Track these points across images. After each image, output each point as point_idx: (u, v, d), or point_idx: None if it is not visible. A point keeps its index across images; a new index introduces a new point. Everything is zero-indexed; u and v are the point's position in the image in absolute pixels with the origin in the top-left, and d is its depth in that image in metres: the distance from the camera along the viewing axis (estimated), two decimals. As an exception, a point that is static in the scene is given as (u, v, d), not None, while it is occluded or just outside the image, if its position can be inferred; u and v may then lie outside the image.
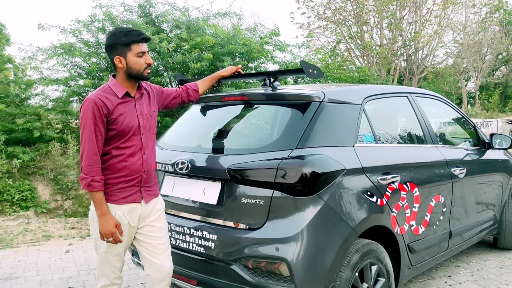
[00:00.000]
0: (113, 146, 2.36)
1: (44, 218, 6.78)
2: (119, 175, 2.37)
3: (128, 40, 2.34)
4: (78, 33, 8.37)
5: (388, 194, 2.85)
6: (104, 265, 2.47)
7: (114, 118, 2.33)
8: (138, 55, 2.36)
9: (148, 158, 2.45)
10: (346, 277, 2.53)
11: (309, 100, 2.76)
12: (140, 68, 2.37)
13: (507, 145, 4.26)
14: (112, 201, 2.38)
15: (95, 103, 2.28)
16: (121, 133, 2.35)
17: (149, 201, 2.48)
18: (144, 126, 2.43)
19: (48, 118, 8.12)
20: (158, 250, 2.50)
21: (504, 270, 4.19)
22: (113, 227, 2.33)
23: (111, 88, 2.39)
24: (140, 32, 2.39)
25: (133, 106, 2.41)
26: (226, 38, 9.04)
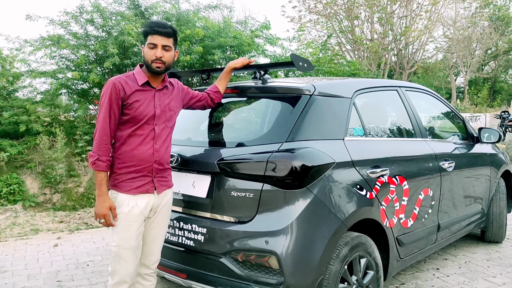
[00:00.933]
0: (125, 133, 2.38)
1: (32, 211, 6.71)
2: (130, 164, 2.38)
3: (145, 31, 2.42)
4: (67, 25, 8.26)
5: (377, 187, 2.85)
6: (116, 260, 2.40)
7: (129, 103, 2.36)
8: (149, 46, 2.40)
9: (160, 149, 2.44)
10: (335, 270, 2.53)
11: (299, 93, 2.75)
12: (149, 59, 2.40)
13: (495, 139, 4.30)
14: (125, 191, 2.38)
15: (114, 85, 2.34)
16: (134, 119, 2.37)
17: (161, 192, 2.49)
18: (159, 116, 2.44)
19: (35, 111, 8.02)
20: (152, 239, 2.53)
21: (491, 262, 4.24)
22: (107, 209, 2.33)
23: (134, 75, 2.44)
24: (157, 24, 2.42)
25: (151, 96, 2.44)
26: (217, 31, 8.98)
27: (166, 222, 2.61)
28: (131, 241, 2.39)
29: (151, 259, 2.56)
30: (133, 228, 2.38)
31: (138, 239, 2.42)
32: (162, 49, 2.40)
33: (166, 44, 2.42)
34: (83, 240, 5.11)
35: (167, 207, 2.57)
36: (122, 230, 2.38)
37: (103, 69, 8.37)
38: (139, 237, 2.43)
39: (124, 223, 2.37)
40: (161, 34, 2.39)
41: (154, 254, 2.56)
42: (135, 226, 2.39)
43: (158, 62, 2.40)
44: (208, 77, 3.41)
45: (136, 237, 2.40)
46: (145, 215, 2.44)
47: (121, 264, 2.39)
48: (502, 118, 18.69)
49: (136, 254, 2.43)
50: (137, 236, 2.41)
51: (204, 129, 3.20)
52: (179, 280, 2.74)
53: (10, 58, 8.61)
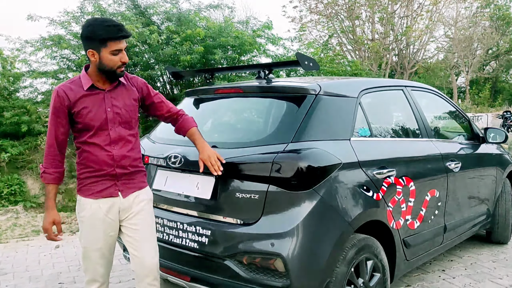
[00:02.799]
0: (82, 140, 2.29)
1: (33, 212, 6.68)
2: (90, 169, 2.30)
3: (105, 36, 2.17)
4: (67, 25, 8.23)
5: (384, 188, 2.81)
6: (85, 260, 2.40)
7: (77, 111, 2.24)
8: (113, 52, 2.21)
9: (119, 153, 2.30)
10: (342, 272, 2.49)
11: (304, 93, 2.71)
12: (114, 66, 2.23)
13: (501, 139, 4.25)
14: (88, 195, 2.31)
15: (58, 94, 2.23)
16: (86, 126, 2.26)
17: (127, 195, 2.36)
18: (113, 120, 2.29)
19: (37, 111, 7.99)
20: (139, 243, 2.39)
21: (497, 264, 4.20)
22: (49, 223, 2.31)
23: (80, 79, 2.29)
24: (120, 28, 2.21)
25: (101, 99, 2.28)
26: (218, 31, 8.95)
27: (150, 223, 2.45)
28: (98, 243, 2.33)
29: (146, 265, 2.39)
30: (98, 230, 2.31)
31: (106, 240, 2.35)
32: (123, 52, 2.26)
33: (126, 46, 2.28)
34: (84, 242, 5.07)
35: (143, 206, 2.41)
36: (88, 232, 2.34)
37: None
38: (109, 239, 2.36)
39: (89, 226, 2.33)
40: (125, 38, 2.24)
41: (147, 260, 2.38)
42: (101, 228, 2.31)
43: (123, 67, 2.28)
44: (212, 77, 3.37)
45: (103, 239, 2.33)
46: (113, 218, 2.33)
47: (90, 264, 2.38)
48: (504, 118, 18.68)
49: (104, 255, 2.38)
50: (105, 238, 2.34)
51: (208, 129, 3.15)
52: (183, 283, 2.70)
53: (10, 58, 8.58)
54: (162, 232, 2.80)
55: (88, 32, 2.21)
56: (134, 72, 8.63)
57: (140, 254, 2.39)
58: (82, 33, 2.25)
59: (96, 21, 2.25)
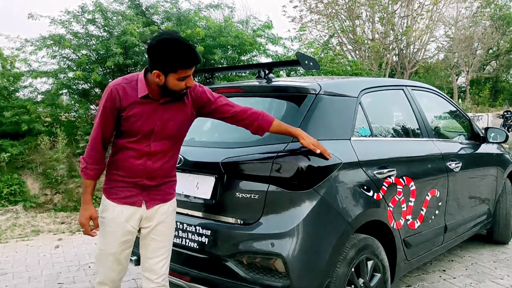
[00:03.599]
0: (122, 142, 2.23)
1: (33, 212, 6.67)
2: (121, 173, 2.25)
3: (177, 64, 2.05)
4: (68, 24, 8.22)
5: (384, 188, 2.80)
6: (98, 262, 2.36)
7: (125, 116, 2.16)
8: (180, 79, 2.10)
9: (153, 165, 2.24)
10: (342, 272, 2.48)
11: (305, 93, 2.70)
12: (178, 90, 2.14)
13: (502, 139, 4.25)
14: (111, 198, 2.27)
15: (111, 92, 2.15)
16: (130, 132, 2.20)
17: (151, 207, 2.29)
18: (158, 133, 2.21)
19: (37, 111, 7.98)
20: (152, 253, 2.35)
21: (498, 264, 4.19)
22: (87, 218, 2.26)
23: (137, 82, 2.18)
24: (195, 57, 2.08)
25: (152, 110, 2.18)
26: (218, 31, 8.94)
27: (168, 235, 2.39)
28: (113, 247, 2.27)
29: (155, 272, 2.35)
30: (117, 235, 2.26)
31: (122, 246, 2.28)
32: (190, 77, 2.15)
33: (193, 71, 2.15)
34: (84, 242, 5.06)
35: (165, 218, 2.35)
36: (106, 235, 2.29)
37: (104, 68, 8.33)
38: (125, 245, 2.30)
39: (108, 229, 2.28)
40: (195, 66, 2.13)
41: (156, 267, 2.35)
42: (119, 233, 2.26)
43: (187, 90, 2.20)
44: (212, 76, 3.36)
45: (119, 244, 2.27)
46: (133, 225, 2.28)
47: (102, 267, 2.34)
48: (505, 118, 18.64)
49: (119, 261, 2.32)
50: (121, 244, 2.27)
51: (208, 129, 3.15)
52: (183, 283, 2.69)
53: (10, 58, 8.57)
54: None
55: (160, 53, 2.04)
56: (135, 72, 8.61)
57: (151, 261, 2.35)
58: (152, 49, 2.06)
59: (170, 42, 2.05)
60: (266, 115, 2.41)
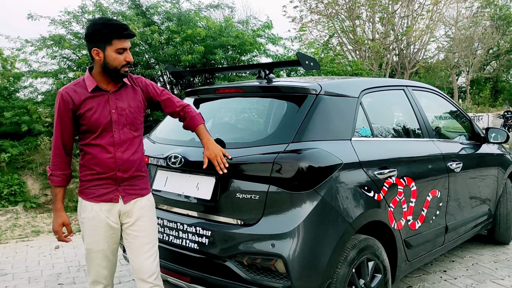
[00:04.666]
0: (86, 142, 2.28)
1: (33, 213, 6.66)
2: (93, 172, 2.28)
3: (110, 34, 2.17)
4: (68, 25, 8.21)
5: (385, 188, 2.80)
6: (88, 261, 2.38)
7: (81, 113, 2.23)
8: (118, 51, 2.20)
9: (123, 156, 2.28)
10: (343, 273, 2.48)
11: (305, 93, 2.70)
12: (118, 65, 2.22)
13: (503, 139, 4.24)
14: (88, 198, 2.30)
15: (62, 96, 2.23)
16: (91, 128, 2.25)
17: (128, 202, 2.32)
18: (117, 121, 2.27)
19: (37, 111, 7.97)
20: (137, 251, 2.36)
21: (498, 264, 4.18)
22: (59, 225, 2.32)
23: (84, 80, 2.28)
24: (125, 27, 2.22)
25: (105, 100, 2.26)
26: (218, 31, 8.92)
27: (150, 230, 2.39)
28: (99, 245, 2.30)
29: (144, 271, 2.35)
30: (100, 232, 2.29)
31: (108, 242, 2.32)
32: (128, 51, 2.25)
33: (130, 46, 2.27)
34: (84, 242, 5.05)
35: (144, 213, 2.37)
36: (90, 234, 2.31)
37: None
38: (110, 241, 2.33)
39: (91, 227, 2.30)
40: (130, 37, 2.23)
41: (144, 265, 2.35)
42: (102, 230, 2.29)
43: (127, 66, 2.26)
44: (212, 76, 3.35)
45: (105, 240, 2.30)
46: (114, 220, 2.30)
47: (92, 266, 2.36)
48: (505, 118, 18.63)
49: (107, 257, 2.34)
50: (107, 239, 2.31)
51: (209, 129, 3.12)
52: (183, 284, 2.68)
53: (11, 58, 8.56)
54: (162, 233, 2.79)
55: (93, 31, 2.20)
56: (135, 72, 8.61)
57: (139, 261, 2.36)
58: (87, 32, 2.23)
59: (101, 20, 2.26)
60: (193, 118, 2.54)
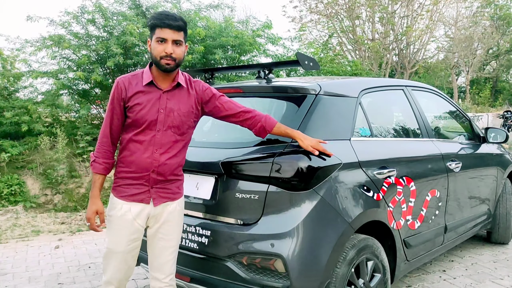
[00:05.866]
0: (127, 136, 2.27)
1: (33, 213, 6.66)
2: (128, 170, 2.27)
3: (154, 23, 2.18)
4: (68, 25, 8.21)
5: (384, 188, 2.80)
6: (106, 260, 2.35)
7: (130, 106, 2.23)
8: (157, 40, 2.18)
9: (160, 158, 2.25)
10: (342, 273, 2.48)
11: (304, 93, 2.70)
12: (157, 55, 2.19)
13: (502, 139, 4.24)
14: (120, 196, 2.28)
15: (118, 84, 2.25)
16: (135, 123, 2.24)
17: (159, 204, 2.30)
18: (163, 122, 2.24)
19: (37, 111, 7.97)
20: (160, 252, 2.36)
21: (498, 264, 4.18)
22: (93, 213, 2.30)
23: (143, 74, 2.28)
24: (168, 17, 2.17)
25: (157, 98, 2.24)
26: (218, 31, 8.94)
27: (176, 233, 2.40)
28: (121, 246, 2.27)
29: (163, 271, 2.37)
30: (124, 233, 2.27)
31: (130, 245, 2.29)
32: (173, 44, 2.18)
33: (177, 39, 2.19)
34: (84, 242, 5.06)
35: (173, 217, 2.36)
36: (113, 233, 2.30)
37: (104, 69, 8.33)
38: (132, 244, 2.30)
39: (116, 227, 2.28)
40: (172, 28, 2.16)
41: (164, 267, 2.36)
42: (127, 231, 2.27)
43: (168, 59, 2.18)
44: (211, 76, 3.36)
45: (127, 243, 2.27)
46: (141, 223, 2.29)
47: (109, 265, 2.33)
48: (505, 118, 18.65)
49: (126, 260, 2.31)
50: (129, 242, 2.28)
51: (208, 129, 3.14)
52: (183, 284, 2.69)
53: (11, 58, 8.56)
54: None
55: (148, 22, 2.26)
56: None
57: (159, 261, 2.37)
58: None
59: (157, 12, 2.28)
60: (269, 118, 2.46)
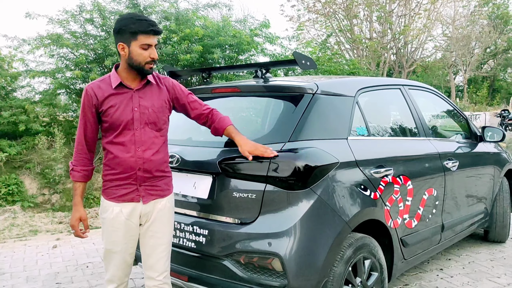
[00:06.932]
0: (108, 140, 2.28)
1: (31, 212, 6.66)
2: (114, 172, 2.28)
3: (136, 29, 2.17)
4: (66, 24, 8.20)
5: (381, 187, 2.81)
6: (106, 260, 2.38)
7: (104, 110, 2.23)
8: (143, 46, 2.19)
9: (144, 155, 2.26)
10: (339, 272, 2.49)
11: (302, 92, 2.70)
12: (142, 61, 2.20)
13: (499, 138, 4.25)
14: (110, 198, 2.29)
15: (87, 92, 2.25)
16: (112, 125, 2.24)
17: (148, 201, 2.31)
18: (139, 120, 2.25)
19: (34, 111, 7.96)
20: (152, 250, 2.36)
21: (495, 262, 4.20)
22: (76, 220, 2.35)
23: (110, 77, 2.28)
24: (152, 23, 2.20)
25: (129, 98, 2.25)
26: (216, 30, 8.94)
27: (167, 230, 2.40)
28: (118, 246, 2.30)
29: (155, 269, 2.37)
30: (119, 233, 2.29)
31: (126, 244, 2.31)
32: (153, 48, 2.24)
33: (156, 43, 2.26)
34: (82, 241, 5.06)
35: (163, 215, 2.37)
36: (109, 234, 2.32)
37: (102, 68, 8.32)
38: (129, 243, 2.32)
39: (110, 228, 2.30)
40: (156, 33, 2.21)
41: (156, 265, 2.37)
42: (122, 231, 2.28)
43: (152, 64, 2.23)
44: (209, 76, 3.36)
45: (123, 242, 2.29)
46: (134, 222, 2.30)
47: (109, 265, 2.36)
48: (502, 116, 18.71)
49: (124, 259, 2.33)
50: (125, 242, 2.30)
51: (205, 128, 3.14)
52: (180, 283, 2.69)
53: (8, 58, 8.55)
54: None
55: (119, 25, 2.21)
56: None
57: (152, 259, 2.37)
58: (114, 27, 2.24)
59: (129, 15, 2.25)
60: (223, 119, 2.51)
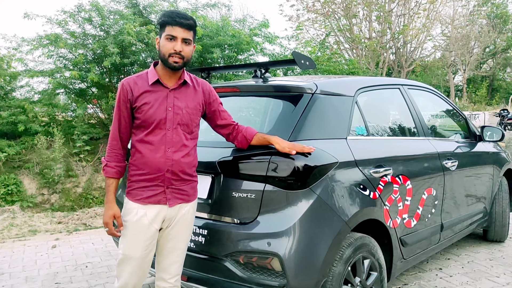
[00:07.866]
0: (138, 138, 2.24)
1: (30, 212, 6.66)
2: (142, 172, 2.24)
3: (164, 21, 2.16)
4: (64, 24, 8.20)
5: (381, 187, 2.81)
6: (120, 266, 2.30)
7: (138, 106, 2.20)
8: (167, 37, 2.16)
9: (173, 156, 2.22)
10: (338, 271, 2.49)
11: (301, 92, 2.70)
12: (165, 52, 2.16)
13: (498, 137, 4.26)
14: (135, 200, 2.25)
15: (123, 86, 2.22)
16: (144, 123, 2.21)
17: (173, 205, 2.27)
18: (172, 120, 2.22)
19: (33, 111, 7.96)
20: (168, 253, 2.35)
21: (494, 262, 4.20)
22: (110, 217, 2.25)
23: (147, 74, 2.26)
24: (179, 15, 2.17)
25: (164, 97, 2.22)
26: (215, 30, 8.94)
27: (186, 235, 2.39)
28: (136, 252, 2.23)
29: (168, 272, 2.36)
30: (140, 239, 2.23)
31: (146, 250, 2.25)
32: (182, 43, 2.16)
33: (186, 38, 2.18)
34: (81, 241, 5.06)
35: (185, 219, 2.34)
36: (128, 239, 2.25)
37: (101, 68, 8.32)
38: (148, 249, 2.27)
39: (131, 232, 2.24)
40: (182, 26, 2.15)
41: (171, 268, 2.36)
42: (143, 236, 2.23)
43: (176, 57, 2.16)
44: (208, 75, 3.36)
45: (143, 248, 2.23)
46: (156, 226, 2.25)
47: (124, 271, 2.28)
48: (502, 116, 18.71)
49: (141, 265, 2.28)
50: (145, 248, 2.24)
51: (205, 128, 3.14)
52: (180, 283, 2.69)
53: (7, 57, 8.55)
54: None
55: (158, 21, 2.25)
56: (131, 71, 8.61)
57: (166, 262, 2.36)
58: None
59: (167, 10, 2.29)
60: (250, 129, 2.48)
